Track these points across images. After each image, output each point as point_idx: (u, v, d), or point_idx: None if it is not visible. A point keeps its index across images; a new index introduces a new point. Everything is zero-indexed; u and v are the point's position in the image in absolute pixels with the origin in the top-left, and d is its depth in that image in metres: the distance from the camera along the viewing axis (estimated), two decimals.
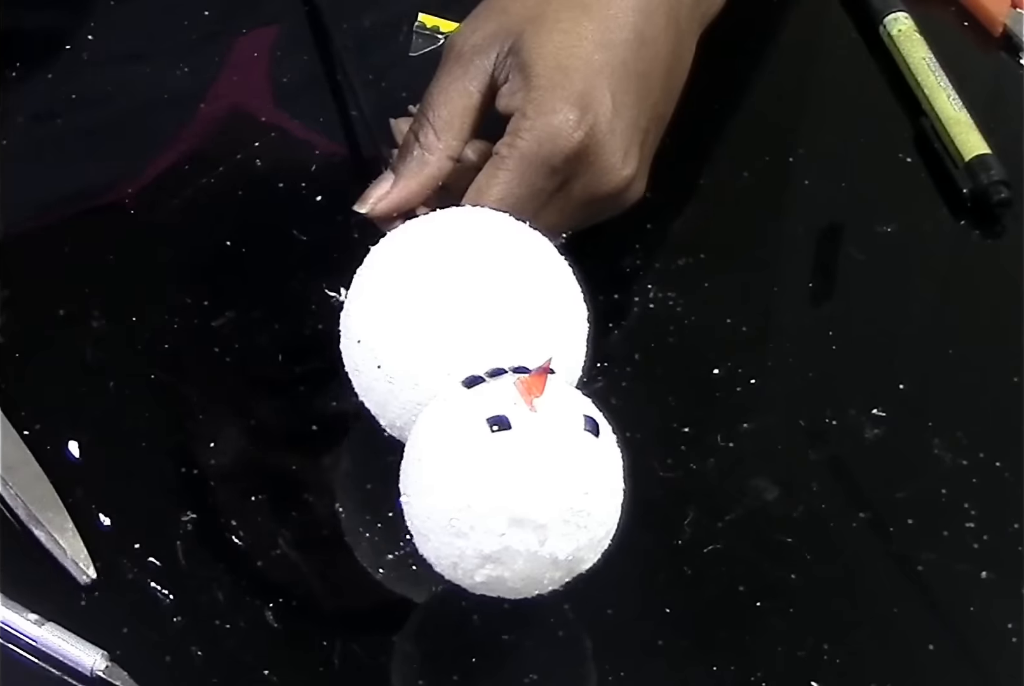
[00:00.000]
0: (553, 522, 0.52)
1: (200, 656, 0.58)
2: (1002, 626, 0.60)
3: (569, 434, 0.53)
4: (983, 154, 0.74)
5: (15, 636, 0.57)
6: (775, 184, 0.76)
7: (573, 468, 0.53)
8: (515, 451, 0.52)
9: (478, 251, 0.59)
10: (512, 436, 0.52)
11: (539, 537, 0.52)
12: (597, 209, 0.66)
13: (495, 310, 0.57)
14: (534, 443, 0.52)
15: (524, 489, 0.52)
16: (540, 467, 0.52)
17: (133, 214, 0.71)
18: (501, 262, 0.58)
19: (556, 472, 0.52)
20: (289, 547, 0.61)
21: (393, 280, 0.58)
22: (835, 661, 0.59)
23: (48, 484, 0.61)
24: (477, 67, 0.64)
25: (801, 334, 0.71)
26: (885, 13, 0.81)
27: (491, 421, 0.52)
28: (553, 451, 0.52)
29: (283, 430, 0.64)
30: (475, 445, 0.52)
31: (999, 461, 0.65)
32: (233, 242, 0.70)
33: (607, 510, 0.54)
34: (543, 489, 0.52)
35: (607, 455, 0.54)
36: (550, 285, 0.59)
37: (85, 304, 0.68)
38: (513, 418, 0.52)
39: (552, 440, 0.52)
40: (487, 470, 0.52)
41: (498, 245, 0.59)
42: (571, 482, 0.52)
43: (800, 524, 0.63)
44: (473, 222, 0.60)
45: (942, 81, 0.77)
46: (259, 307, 0.68)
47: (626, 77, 0.64)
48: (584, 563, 0.54)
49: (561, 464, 0.52)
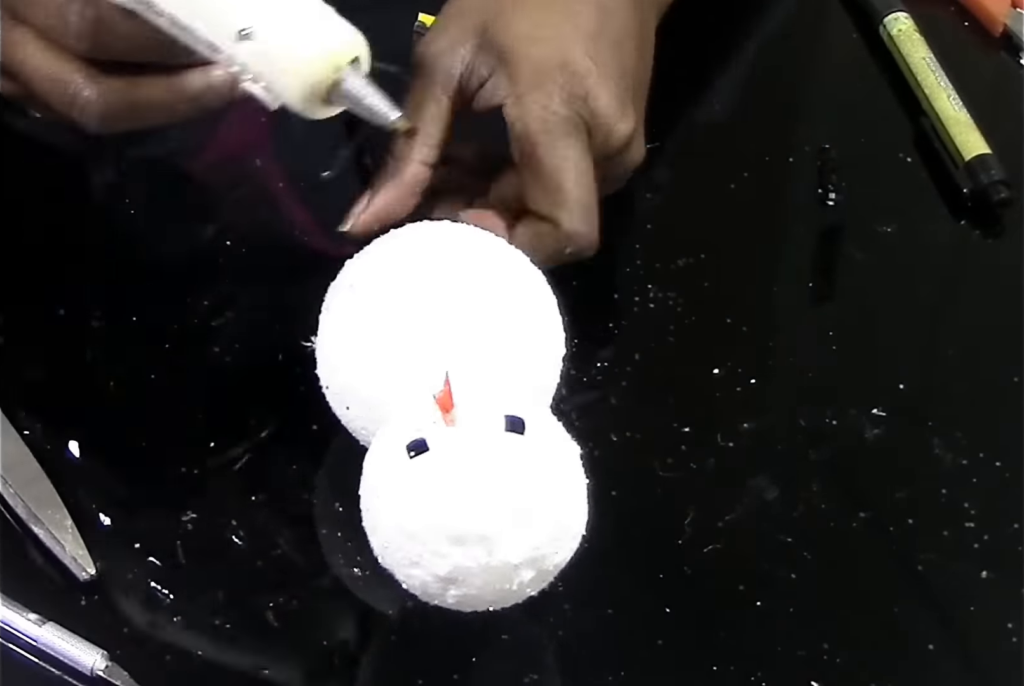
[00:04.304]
0: (492, 530, 0.52)
1: (200, 656, 0.58)
2: (1002, 626, 0.60)
3: (488, 440, 0.53)
4: (983, 154, 0.74)
5: (15, 636, 0.57)
6: (775, 184, 0.76)
7: (498, 473, 0.52)
8: (437, 471, 0.52)
9: (437, 281, 0.58)
10: (432, 457, 0.52)
11: (486, 548, 0.52)
12: (602, 175, 0.65)
13: (457, 349, 0.56)
14: (453, 458, 0.52)
15: (452, 506, 0.52)
16: (463, 481, 0.52)
17: (133, 214, 0.71)
18: (465, 289, 0.58)
19: (480, 482, 0.52)
20: (289, 547, 0.61)
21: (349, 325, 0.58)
22: (835, 661, 0.59)
23: (48, 483, 0.61)
24: (442, 71, 0.64)
25: (801, 334, 0.71)
26: (885, 13, 0.81)
27: (409, 447, 0.53)
28: (473, 461, 0.52)
29: (283, 430, 0.64)
30: (399, 474, 0.53)
31: (999, 461, 0.65)
32: (233, 242, 0.70)
33: (552, 503, 0.53)
34: (470, 502, 0.52)
35: (540, 449, 0.54)
36: (519, 309, 0.58)
37: (85, 304, 0.68)
38: (431, 438, 0.53)
39: (470, 450, 0.52)
40: (414, 497, 0.52)
41: (460, 269, 0.58)
42: (498, 487, 0.52)
43: (800, 524, 0.63)
44: (431, 247, 0.59)
45: (942, 81, 0.77)
46: (259, 307, 0.68)
47: (600, 43, 0.65)
48: (549, 558, 0.54)
49: (484, 472, 0.52)
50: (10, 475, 0.61)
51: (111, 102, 0.60)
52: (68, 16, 0.59)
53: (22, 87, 0.62)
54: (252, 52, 0.56)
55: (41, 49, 0.61)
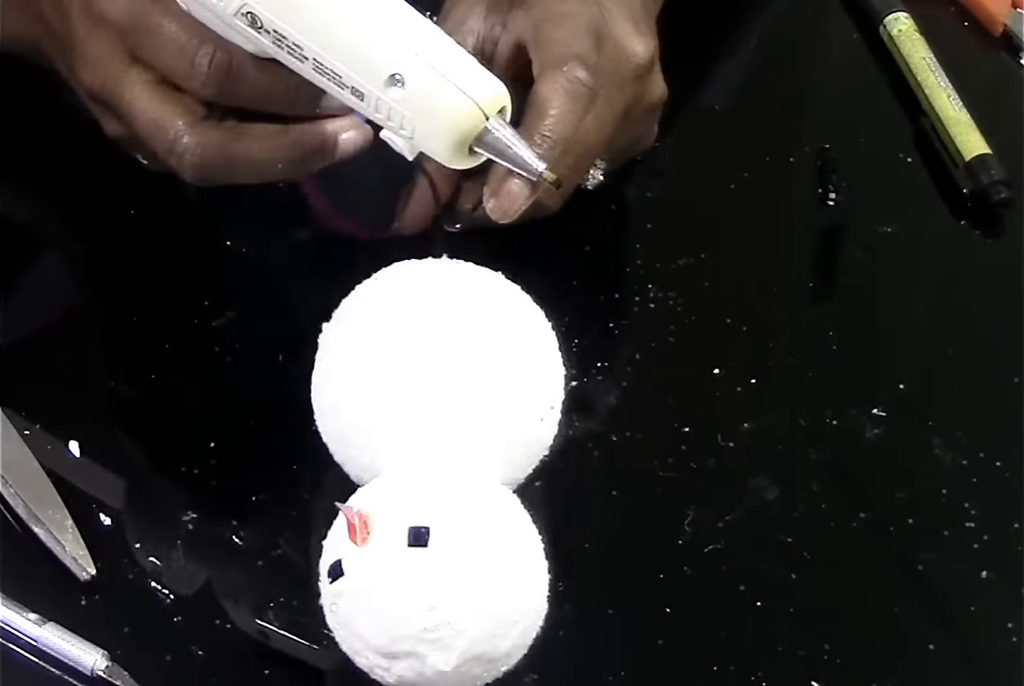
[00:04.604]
0: (414, 646, 0.52)
1: (200, 656, 0.58)
2: (1002, 626, 0.60)
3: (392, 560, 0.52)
4: (983, 154, 0.74)
5: (16, 636, 0.57)
6: (775, 184, 0.76)
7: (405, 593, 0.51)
8: (352, 595, 0.52)
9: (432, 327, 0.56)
10: (347, 581, 0.52)
11: (417, 660, 0.52)
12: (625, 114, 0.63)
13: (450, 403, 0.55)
14: (364, 582, 0.52)
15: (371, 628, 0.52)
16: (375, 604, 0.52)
17: (133, 214, 0.71)
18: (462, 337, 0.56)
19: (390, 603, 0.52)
20: (289, 547, 0.61)
21: (339, 378, 0.57)
22: (835, 661, 0.59)
23: (48, 483, 0.61)
24: (469, 29, 0.63)
25: (801, 334, 0.71)
26: (885, 13, 0.81)
27: (330, 571, 0.53)
28: (381, 584, 0.52)
29: (283, 430, 0.64)
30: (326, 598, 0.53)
31: (999, 461, 0.65)
32: (233, 242, 0.70)
33: (470, 610, 0.52)
34: (386, 623, 0.52)
35: (444, 557, 0.52)
36: (518, 357, 0.57)
37: (85, 303, 0.68)
38: (345, 560, 0.52)
39: (378, 574, 0.52)
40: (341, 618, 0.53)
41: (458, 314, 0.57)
42: (409, 606, 0.51)
43: (800, 524, 0.63)
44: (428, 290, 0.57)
45: (942, 81, 0.77)
46: (259, 307, 0.68)
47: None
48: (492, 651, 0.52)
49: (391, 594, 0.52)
50: (10, 475, 0.61)
51: (209, 152, 0.58)
52: (197, 59, 0.58)
53: (127, 129, 0.61)
54: (401, 99, 0.54)
55: (150, 91, 0.59)
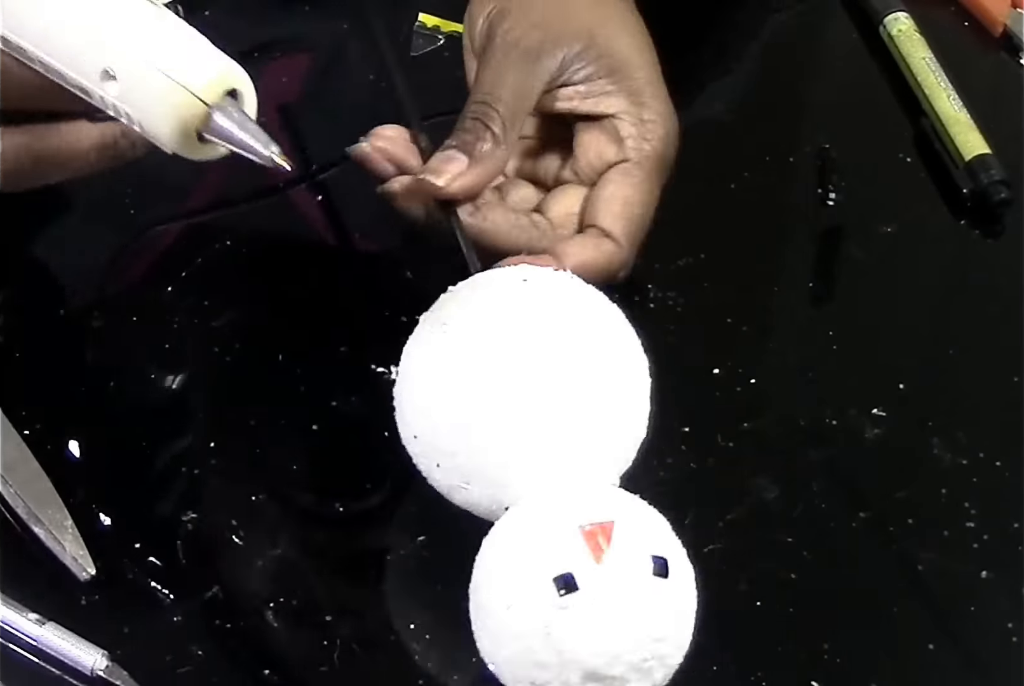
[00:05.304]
0: (627, 673, 0.52)
1: (200, 656, 0.58)
2: (1002, 626, 0.60)
3: (637, 585, 0.52)
4: (983, 154, 0.74)
5: (16, 636, 0.57)
6: (775, 184, 0.76)
7: (643, 620, 0.52)
8: (583, 612, 0.51)
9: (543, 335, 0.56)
10: (579, 597, 0.51)
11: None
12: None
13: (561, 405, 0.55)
14: (601, 602, 0.51)
15: (595, 648, 0.51)
16: (610, 626, 0.51)
17: (133, 214, 0.71)
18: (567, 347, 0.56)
19: (627, 628, 0.51)
20: (289, 547, 0.61)
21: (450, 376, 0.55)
22: (835, 661, 0.59)
23: (48, 483, 0.61)
24: (544, 68, 0.63)
25: (801, 334, 0.71)
26: (885, 13, 0.81)
27: (558, 582, 0.51)
28: (622, 607, 0.51)
29: (283, 430, 0.64)
30: (543, 606, 0.51)
31: (999, 461, 0.65)
32: (233, 242, 0.70)
33: (679, 645, 0.53)
34: (614, 646, 0.51)
35: (679, 592, 0.53)
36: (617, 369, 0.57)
37: (85, 304, 0.68)
38: (579, 574, 0.51)
39: (620, 596, 0.51)
40: (557, 632, 0.51)
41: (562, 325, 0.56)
42: (642, 634, 0.52)
43: (800, 524, 0.63)
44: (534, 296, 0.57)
45: (942, 81, 0.77)
46: (259, 307, 0.68)
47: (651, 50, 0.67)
48: None
49: (631, 618, 0.51)
50: (10, 475, 0.61)
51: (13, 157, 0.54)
52: None
53: None
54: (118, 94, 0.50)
55: None
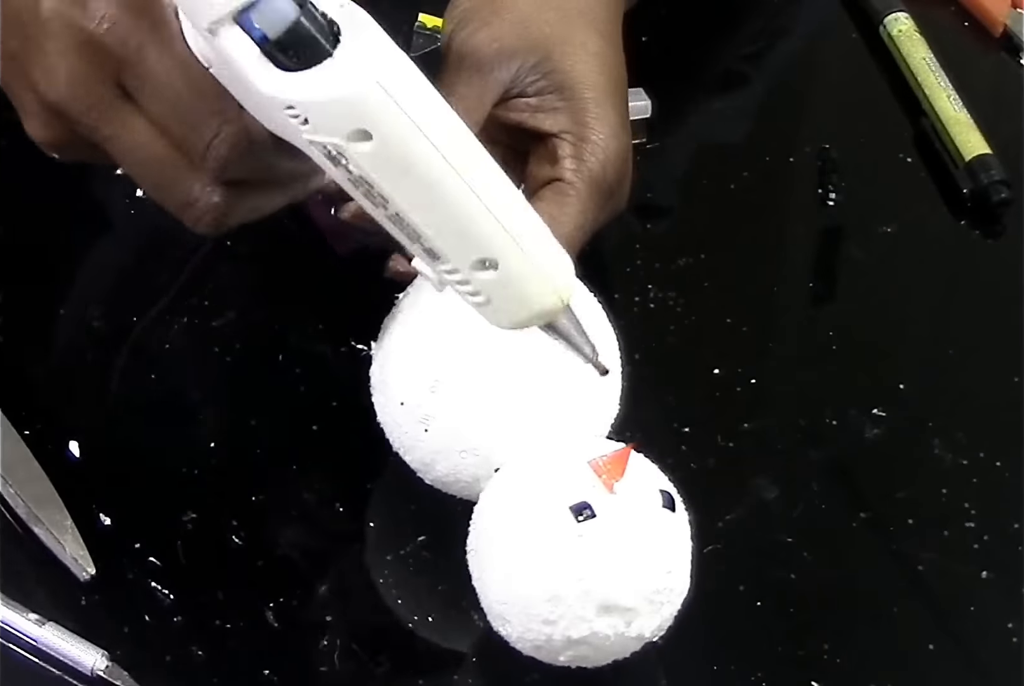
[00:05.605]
0: (640, 604, 0.52)
1: (200, 656, 0.58)
2: (1002, 626, 0.60)
3: (650, 515, 0.53)
4: (983, 154, 0.74)
5: (16, 636, 0.57)
6: (775, 184, 0.76)
7: (657, 550, 0.53)
8: (600, 539, 0.52)
9: None
10: (597, 524, 0.52)
11: (626, 620, 0.52)
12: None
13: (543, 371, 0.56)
14: (618, 529, 0.52)
15: (611, 576, 0.52)
16: (626, 553, 0.52)
17: (133, 214, 0.71)
18: None
19: (642, 556, 0.52)
20: (289, 547, 0.61)
21: (435, 340, 0.56)
22: (835, 661, 0.59)
23: (48, 483, 0.61)
24: (496, 80, 0.62)
25: (801, 334, 0.71)
26: (885, 13, 0.81)
27: (575, 509, 0.52)
28: (637, 535, 0.52)
29: (283, 430, 0.64)
30: (559, 535, 0.52)
31: (999, 461, 0.65)
32: (233, 242, 0.70)
33: (684, 582, 0.54)
34: (630, 575, 0.52)
35: (683, 527, 0.54)
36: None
37: (85, 304, 0.68)
38: (595, 503, 0.52)
39: (635, 524, 0.52)
40: (574, 560, 0.51)
41: None
42: (655, 564, 0.52)
43: (800, 524, 0.63)
44: None
45: (942, 81, 0.77)
46: (259, 307, 0.68)
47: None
48: (662, 631, 0.55)
49: (646, 547, 0.52)
50: (10, 475, 0.61)
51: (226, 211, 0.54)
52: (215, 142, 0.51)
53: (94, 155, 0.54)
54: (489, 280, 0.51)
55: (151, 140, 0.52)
